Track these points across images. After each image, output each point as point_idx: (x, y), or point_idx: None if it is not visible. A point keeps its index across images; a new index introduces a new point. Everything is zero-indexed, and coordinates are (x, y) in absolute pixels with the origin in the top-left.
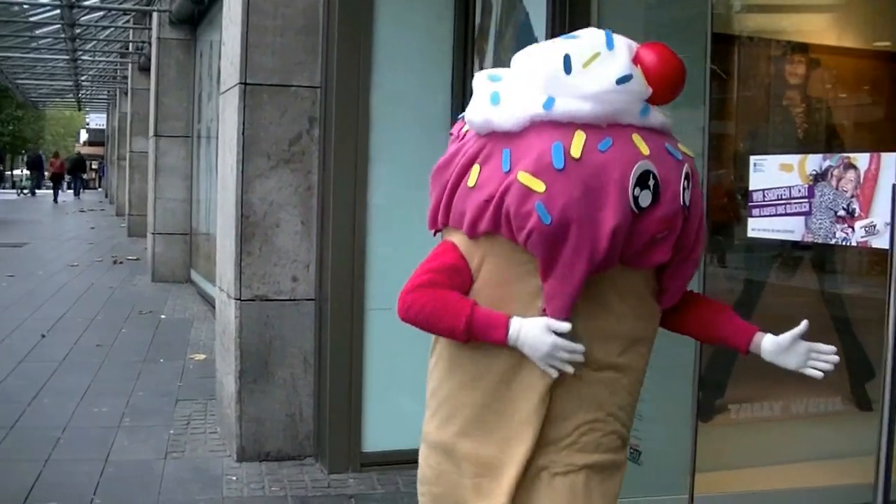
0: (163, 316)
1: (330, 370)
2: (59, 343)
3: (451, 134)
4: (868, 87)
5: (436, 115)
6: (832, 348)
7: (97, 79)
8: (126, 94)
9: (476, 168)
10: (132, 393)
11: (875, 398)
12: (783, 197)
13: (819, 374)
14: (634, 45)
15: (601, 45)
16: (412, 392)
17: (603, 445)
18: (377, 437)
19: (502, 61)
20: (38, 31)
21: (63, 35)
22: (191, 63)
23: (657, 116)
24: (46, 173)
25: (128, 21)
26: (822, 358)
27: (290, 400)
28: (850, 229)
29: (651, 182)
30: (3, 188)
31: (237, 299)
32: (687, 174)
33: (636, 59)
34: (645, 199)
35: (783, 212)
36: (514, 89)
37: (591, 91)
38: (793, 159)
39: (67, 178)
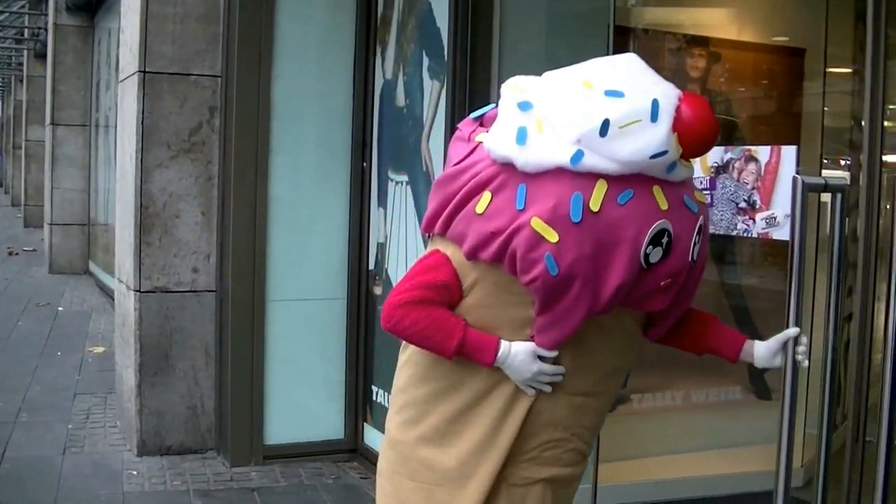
0: (60, 308)
1: (231, 362)
2: None
3: (457, 128)
4: (767, 81)
5: (337, 105)
6: (795, 330)
7: None
8: (21, 81)
9: (487, 196)
10: (29, 387)
11: (774, 387)
12: None
13: (806, 362)
14: (675, 101)
15: (645, 114)
16: (314, 384)
17: (563, 460)
18: (279, 429)
19: (404, 52)
20: None
21: None
22: (88, 50)
23: (682, 172)
24: None
25: (23, 6)
26: (800, 349)
27: (191, 393)
28: (751, 221)
29: (665, 240)
30: None
31: (137, 291)
32: (700, 227)
33: (675, 120)
34: (655, 256)
35: None
36: (544, 133)
37: (623, 158)
38: None
39: None
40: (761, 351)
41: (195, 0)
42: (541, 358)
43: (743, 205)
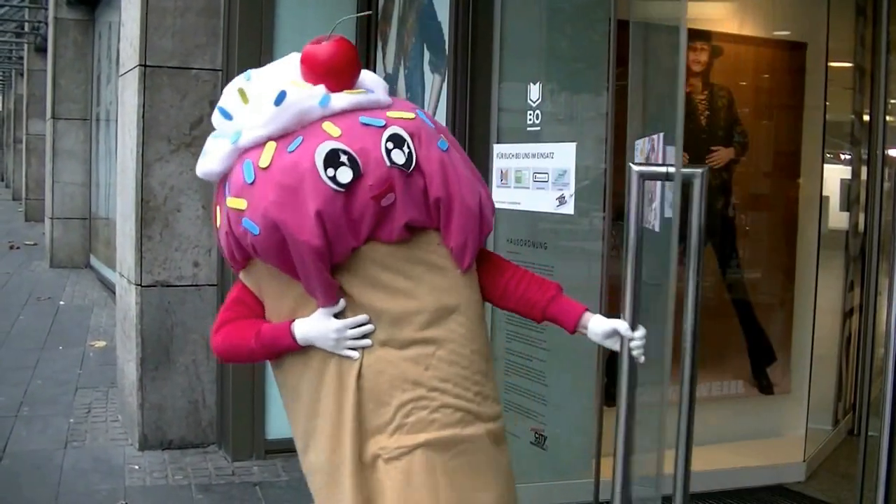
0: (61, 302)
1: None
2: None
3: None
4: (768, 75)
5: None
6: (626, 328)
7: None
8: (22, 75)
9: (218, 210)
10: (30, 381)
11: (776, 382)
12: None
13: (643, 358)
14: (292, 57)
15: (240, 80)
16: None
17: (438, 422)
18: (281, 424)
19: (405, 45)
20: None
21: None
22: (89, 44)
23: (343, 99)
24: None
25: (23, 0)
26: (634, 343)
27: (192, 387)
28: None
29: (344, 158)
30: None
31: (138, 285)
32: (393, 136)
33: (303, 57)
34: (344, 175)
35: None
36: (217, 140)
37: (260, 122)
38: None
39: None
40: (595, 327)
41: None
42: (336, 316)
43: None
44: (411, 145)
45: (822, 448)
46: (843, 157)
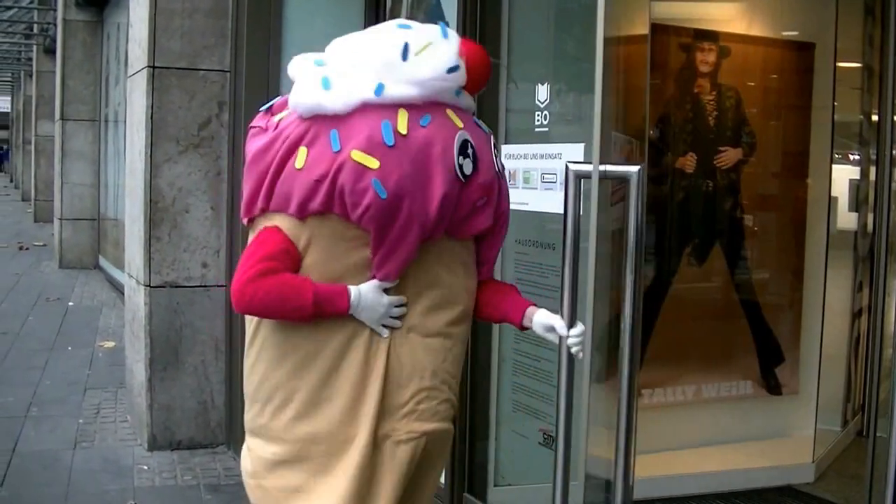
0: (70, 303)
1: (241, 357)
2: None
3: (252, 128)
4: (776, 75)
5: None
6: (562, 327)
7: (0, 60)
8: (31, 76)
9: (303, 150)
10: (39, 382)
11: (784, 382)
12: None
13: (581, 354)
14: (458, 35)
15: (435, 35)
16: None
17: (439, 414)
18: None
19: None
20: None
21: None
22: (98, 45)
23: (467, 100)
24: None
25: (32, 1)
26: (571, 341)
27: (201, 387)
28: None
29: (470, 150)
30: None
31: (146, 286)
32: (494, 146)
33: (461, 52)
34: (468, 167)
35: None
36: (345, 74)
37: (423, 77)
38: None
39: None
40: (538, 319)
41: None
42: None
43: None
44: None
45: (831, 449)
46: (851, 157)
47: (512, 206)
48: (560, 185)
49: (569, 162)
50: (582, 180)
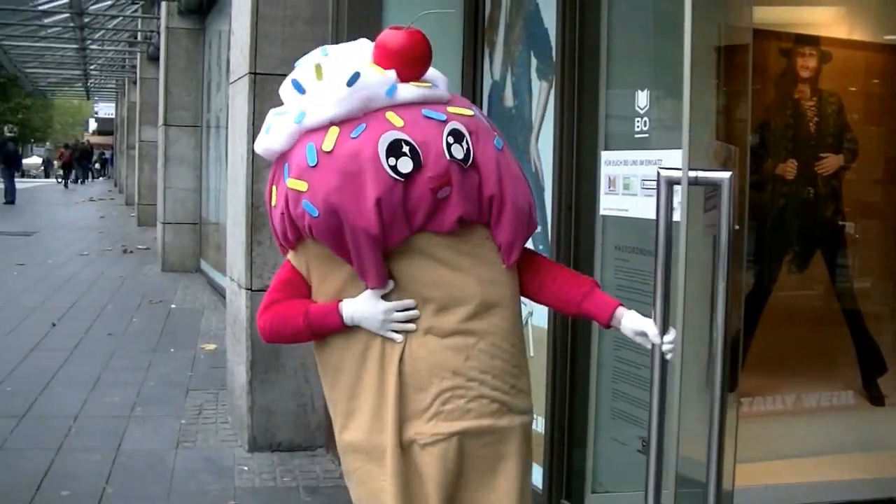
0: (173, 305)
1: None
2: (69, 332)
3: None
4: (878, 80)
5: None
6: (655, 335)
7: (105, 68)
8: (135, 83)
9: (274, 189)
10: (143, 383)
11: (888, 393)
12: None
13: (670, 355)
14: (365, 43)
15: (317, 54)
16: None
17: (474, 411)
18: None
19: (512, 53)
20: (46, 20)
21: (72, 24)
22: (199, 52)
23: (409, 91)
24: (56, 163)
25: (136, 10)
26: (665, 347)
27: (300, 390)
28: None
29: (406, 148)
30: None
31: (248, 289)
32: (454, 131)
33: (373, 51)
34: (405, 165)
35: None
36: (280, 117)
37: (329, 101)
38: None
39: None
40: (627, 323)
41: (304, 3)
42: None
43: None
44: (469, 142)
45: None
46: None
47: (612, 213)
48: None
49: (660, 168)
50: (674, 186)
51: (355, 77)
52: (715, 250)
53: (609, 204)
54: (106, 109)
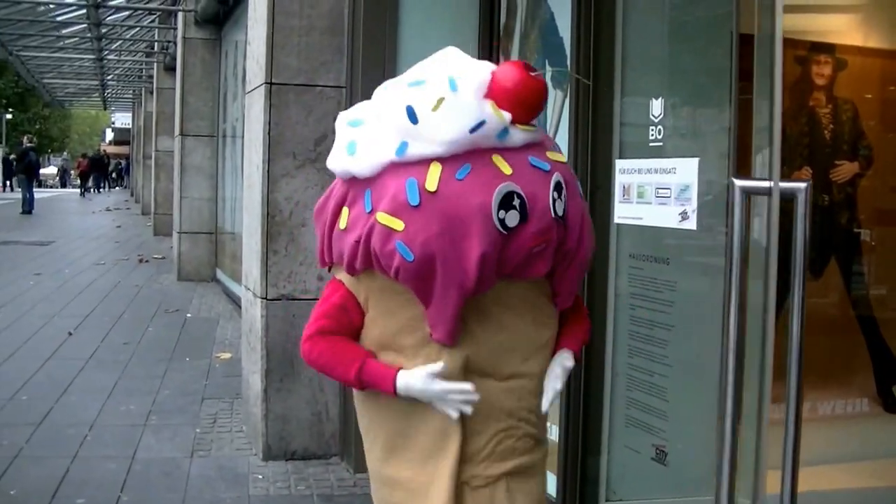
0: (188, 315)
1: None
2: (85, 341)
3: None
4: (894, 87)
5: None
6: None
7: (122, 78)
8: (151, 93)
9: (345, 210)
10: (158, 391)
11: None
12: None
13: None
14: (485, 73)
15: (445, 89)
16: None
17: (518, 450)
18: None
19: (527, 61)
20: (64, 31)
21: (89, 35)
22: (216, 63)
23: (518, 136)
24: (73, 172)
25: (153, 21)
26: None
27: (315, 399)
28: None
29: (516, 202)
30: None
31: (263, 298)
32: (557, 184)
33: (490, 86)
34: (512, 219)
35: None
36: (370, 137)
37: (445, 139)
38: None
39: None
40: (553, 362)
41: (320, 13)
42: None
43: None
44: (565, 194)
45: None
46: None
47: (626, 221)
48: (675, 199)
49: (734, 177)
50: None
51: (480, 125)
52: (791, 261)
53: (623, 212)
54: (122, 119)
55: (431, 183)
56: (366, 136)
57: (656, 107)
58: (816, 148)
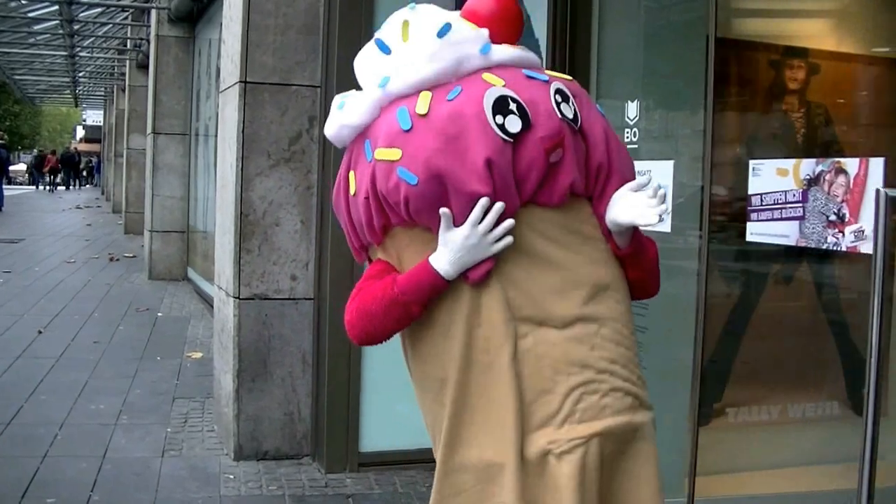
0: (160, 314)
1: (328, 369)
2: (55, 340)
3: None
4: (867, 93)
5: None
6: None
7: (94, 75)
8: (123, 91)
9: (352, 175)
10: (129, 390)
11: None
12: (779, 201)
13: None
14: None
15: (406, 12)
16: (410, 392)
17: (610, 407)
18: (375, 437)
19: None
20: (36, 27)
21: (61, 31)
22: (189, 61)
23: (504, 51)
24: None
25: (126, 18)
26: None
27: (288, 399)
28: (840, 234)
29: (513, 106)
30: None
31: (236, 298)
32: (560, 91)
33: (462, 13)
34: (513, 124)
35: (779, 216)
36: (355, 93)
37: (419, 56)
38: (788, 164)
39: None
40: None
41: (296, 12)
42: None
43: (833, 217)
44: (575, 104)
45: None
46: None
47: None
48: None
49: (881, 187)
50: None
51: (446, 28)
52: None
53: None
54: (94, 117)
55: (422, 106)
56: (352, 94)
57: (632, 109)
58: (788, 152)
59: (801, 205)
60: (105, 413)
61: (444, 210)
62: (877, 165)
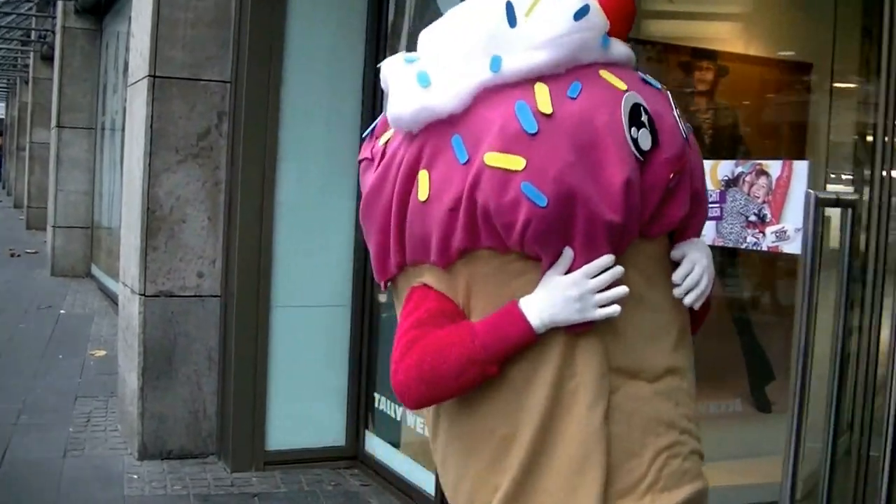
0: (62, 311)
1: (234, 368)
2: None
3: (360, 161)
4: (773, 95)
5: (346, 113)
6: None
7: None
8: (27, 83)
9: (424, 175)
10: (30, 390)
11: (774, 400)
12: None
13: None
14: None
15: None
16: (316, 391)
17: (690, 473)
18: (281, 435)
19: None
20: None
21: None
22: (96, 53)
23: (620, 48)
24: None
25: (31, 8)
26: None
27: (193, 397)
28: (760, 234)
29: (644, 117)
30: None
31: (141, 295)
32: (674, 105)
33: None
34: (644, 139)
35: None
36: (445, 64)
37: (547, 37)
38: (706, 165)
39: None
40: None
41: (207, 5)
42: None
43: (753, 218)
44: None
45: (817, 468)
46: (844, 177)
47: None
48: None
49: (809, 189)
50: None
51: (585, 10)
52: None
53: None
54: None
55: (544, 103)
56: (438, 65)
57: None
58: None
59: (718, 205)
60: (4, 413)
61: (568, 250)
62: (801, 168)
